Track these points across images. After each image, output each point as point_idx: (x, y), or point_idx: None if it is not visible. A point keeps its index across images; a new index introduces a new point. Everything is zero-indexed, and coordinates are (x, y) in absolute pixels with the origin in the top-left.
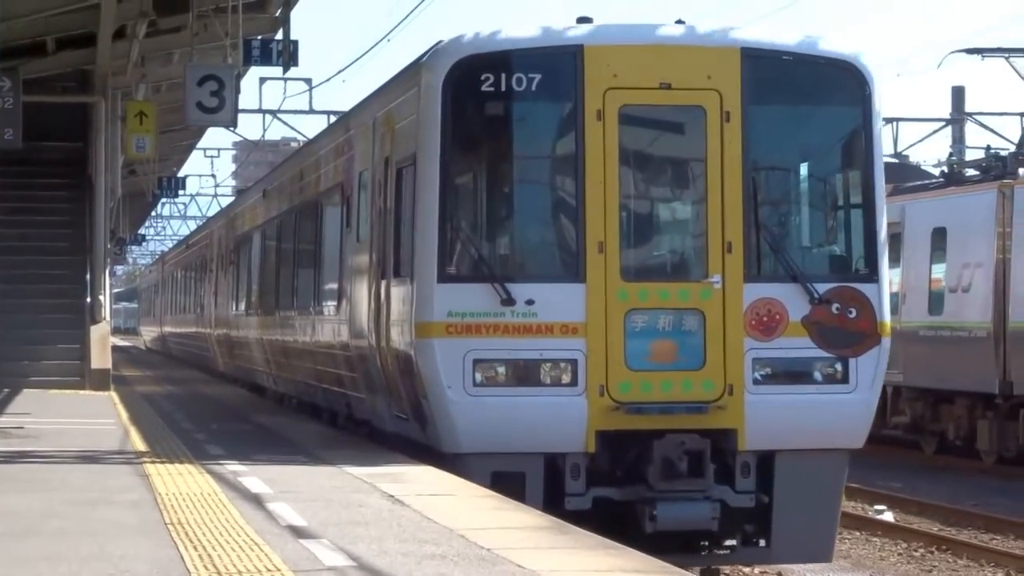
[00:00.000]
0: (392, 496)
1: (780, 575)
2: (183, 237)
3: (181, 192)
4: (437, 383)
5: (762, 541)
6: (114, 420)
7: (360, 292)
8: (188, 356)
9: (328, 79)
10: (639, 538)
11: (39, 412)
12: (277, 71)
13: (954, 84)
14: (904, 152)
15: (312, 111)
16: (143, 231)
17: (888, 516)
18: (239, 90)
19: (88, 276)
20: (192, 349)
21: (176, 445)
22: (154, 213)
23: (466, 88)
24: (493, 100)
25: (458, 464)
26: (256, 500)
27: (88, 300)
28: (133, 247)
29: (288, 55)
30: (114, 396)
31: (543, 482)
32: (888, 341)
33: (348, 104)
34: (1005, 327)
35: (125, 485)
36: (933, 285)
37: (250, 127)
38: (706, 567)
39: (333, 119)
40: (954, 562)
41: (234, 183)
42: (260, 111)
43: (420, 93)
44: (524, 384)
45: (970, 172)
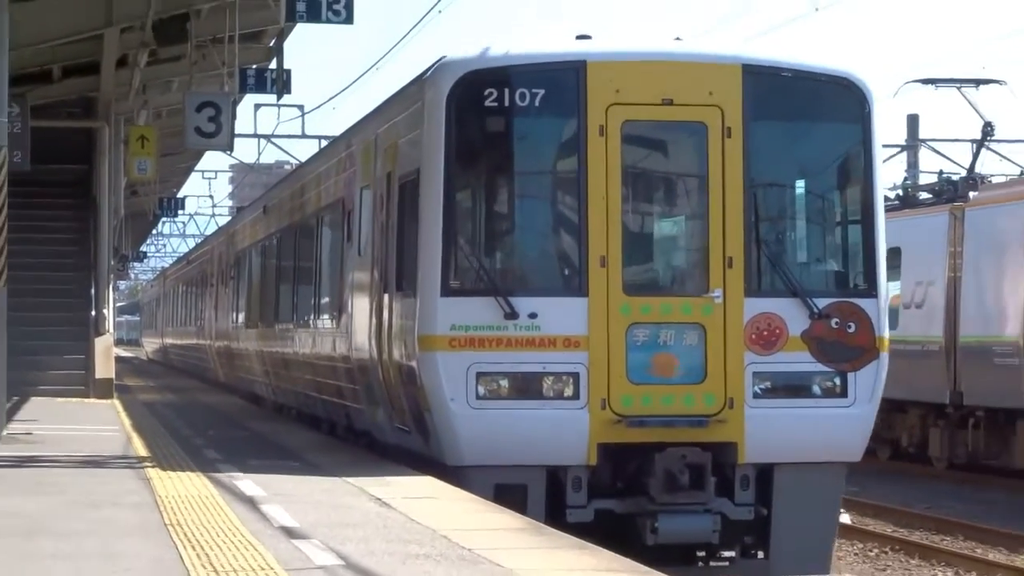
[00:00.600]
0: (379, 499)
1: None
2: (183, 254)
3: (180, 212)
4: (440, 396)
5: (760, 553)
6: (117, 427)
7: (361, 305)
8: (188, 367)
9: (319, 106)
10: (640, 550)
11: (46, 419)
12: (271, 98)
13: (909, 112)
14: None
15: (304, 136)
16: (144, 248)
17: (846, 518)
18: (235, 116)
19: (93, 291)
20: (192, 360)
21: (176, 451)
22: (155, 231)
23: (469, 103)
24: (496, 115)
25: (461, 476)
26: (251, 502)
27: (92, 313)
28: (135, 263)
29: (281, 83)
30: (117, 404)
31: (545, 494)
32: (886, 356)
33: (338, 129)
34: (956, 341)
35: (127, 488)
36: (889, 302)
37: (246, 150)
38: None
39: (324, 143)
40: (907, 561)
41: (231, 203)
42: (255, 136)
43: (424, 108)
44: (526, 397)
45: (924, 195)
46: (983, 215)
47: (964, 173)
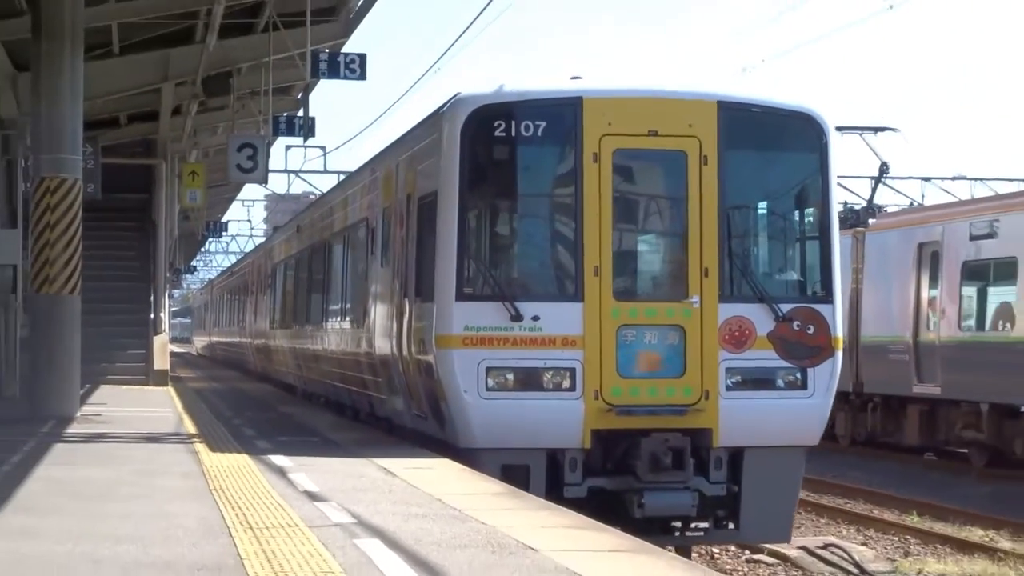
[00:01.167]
0: (385, 469)
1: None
2: (227, 267)
3: (224, 233)
4: (455, 388)
5: (731, 524)
6: (171, 409)
7: (384, 308)
8: (231, 361)
9: (339, 146)
10: (628, 522)
11: (113, 403)
12: (298, 140)
13: None
14: None
15: (326, 171)
16: (194, 263)
17: None
18: (269, 155)
19: (152, 297)
20: (234, 355)
21: (219, 429)
22: (203, 249)
23: (481, 134)
24: (504, 144)
25: (472, 458)
26: (280, 471)
27: (151, 316)
28: (186, 275)
29: (307, 128)
30: (171, 391)
31: (545, 474)
32: (840, 353)
33: (354, 165)
34: (857, 341)
35: (179, 460)
36: None
37: (278, 183)
38: (682, 546)
39: (342, 177)
40: (817, 520)
41: (265, 227)
42: (286, 171)
43: (442, 138)
44: (529, 389)
45: None
46: (879, 238)
47: (865, 204)
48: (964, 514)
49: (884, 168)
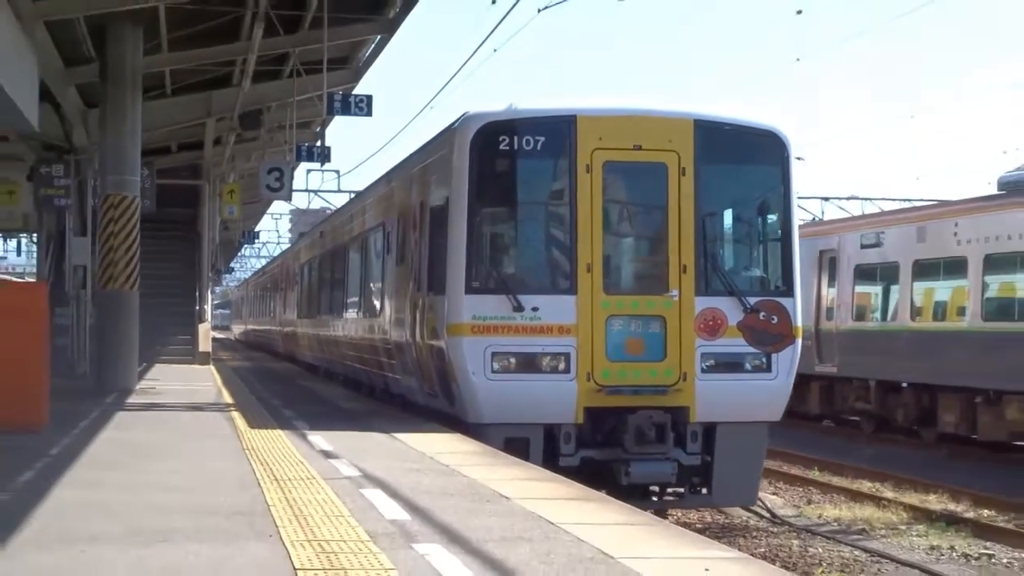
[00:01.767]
0: (388, 433)
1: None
2: (259, 268)
3: (256, 240)
4: (464, 370)
5: (704, 490)
6: (212, 384)
7: (399, 301)
8: (263, 345)
9: (350, 170)
10: (616, 488)
11: (165, 378)
12: (317, 165)
13: None
14: None
15: (340, 191)
16: (232, 264)
17: None
18: (293, 177)
19: (197, 293)
20: (265, 340)
21: (251, 399)
22: (239, 253)
23: (488, 147)
24: (508, 156)
25: (479, 431)
26: (301, 434)
27: (197, 308)
28: (226, 275)
29: (324, 155)
30: (212, 369)
31: (543, 446)
32: (799, 341)
33: (364, 185)
34: None
35: (218, 425)
36: None
37: (300, 200)
38: (660, 509)
39: (353, 195)
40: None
41: (290, 235)
42: (307, 190)
43: (453, 150)
44: (529, 371)
45: None
46: None
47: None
48: (856, 469)
49: None
